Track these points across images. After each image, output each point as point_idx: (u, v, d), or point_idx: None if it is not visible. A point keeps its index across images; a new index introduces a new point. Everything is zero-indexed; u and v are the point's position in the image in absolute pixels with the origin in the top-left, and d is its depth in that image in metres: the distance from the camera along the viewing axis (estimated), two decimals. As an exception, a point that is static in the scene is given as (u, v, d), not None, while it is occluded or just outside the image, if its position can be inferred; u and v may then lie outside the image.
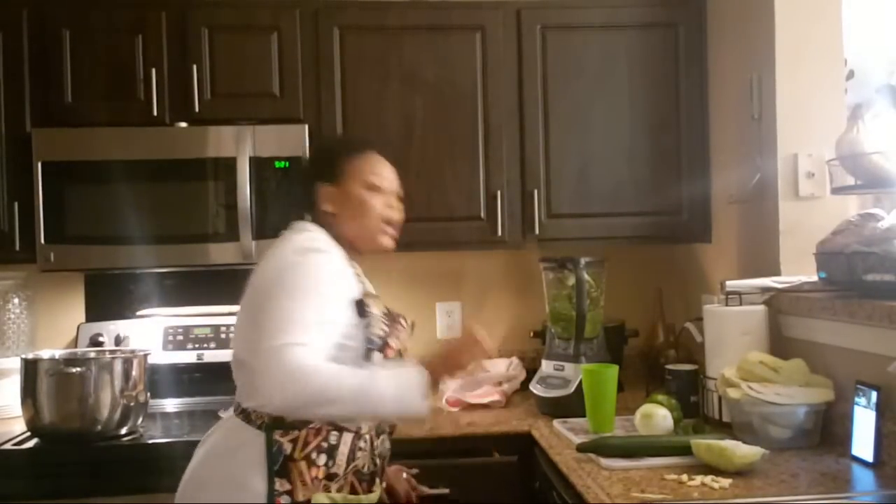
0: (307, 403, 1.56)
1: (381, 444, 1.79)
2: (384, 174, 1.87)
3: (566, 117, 2.75)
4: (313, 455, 1.67)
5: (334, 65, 2.67)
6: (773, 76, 2.33)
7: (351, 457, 1.70)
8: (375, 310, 1.74)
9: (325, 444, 1.68)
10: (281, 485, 1.65)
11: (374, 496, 1.77)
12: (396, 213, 1.88)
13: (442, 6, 2.73)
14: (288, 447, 1.66)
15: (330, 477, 1.68)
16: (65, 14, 2.59)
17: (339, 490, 1.69)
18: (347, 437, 1.70)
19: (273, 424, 1.67)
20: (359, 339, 1.70)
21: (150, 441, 2.32)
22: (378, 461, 1.78)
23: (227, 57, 2.63)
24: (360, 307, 1.72)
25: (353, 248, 1.84)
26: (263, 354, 1.56)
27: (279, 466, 1.65)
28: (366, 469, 1.74)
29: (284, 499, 1.64)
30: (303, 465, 1.66)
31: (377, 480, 1.78)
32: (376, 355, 1.70)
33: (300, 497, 1.64)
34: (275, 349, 1.55)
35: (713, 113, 2.77)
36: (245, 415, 1.72)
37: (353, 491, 1.72)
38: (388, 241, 1.87)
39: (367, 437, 1.74)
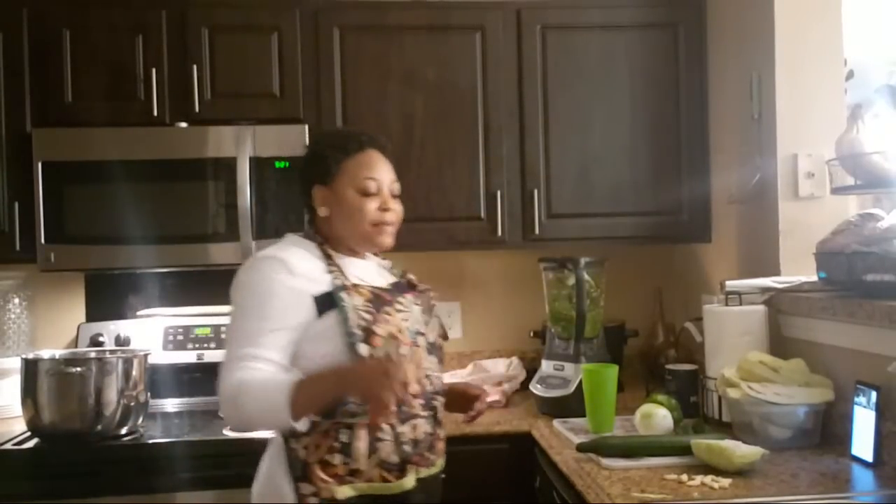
0: (231, 418, 1.68)
1: (410, 431, 1.71)
2: (378, 175, 1.81)
3: (566, 117, 2.75)
4: (327, 457, 1.67)
5: (334, 65, 2.67)
6: (772, 76, 2.33)
7: (371, 449, 1.68)
8: (356, 300, 1.69)
9: (337, 444, 1.67)
10: (306, 488, 1.67)
11: (409, 480, 1.70)
12: (390, 215, 1.81)
13: (442, 6, 2.74)
14: (303, 453, 1.68)
15: (352, 473, 1.67)
16: (65, 14, 2.59)
17: (366, 482, 1.68)
18: (361, 433, 1.67)
19: (288, 432, 1.68)
20: (334, 334, 1.67)
21: (151, 441, 2.32)
22: (407, 448, 1.70)
23: (228, 57, 2.63)
24: (329, 302, 1.68)
25: (348, 247, 1.82)
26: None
27: (300, 472, 1.68)
28: (392, 459, 1.69)
29: (312, 500, 1.66)
30: (318, 467, 1.67)
31: (408, 467, 1.71)
32: (362, 346, 1.66)
33: (325, 495, 1.66)
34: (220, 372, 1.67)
35: (713, 113, 2.77)
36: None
37: (384, 481, 1.69)
38: (383, 240, 1.82)
39: (387, 427, 1.68)
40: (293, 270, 1.70)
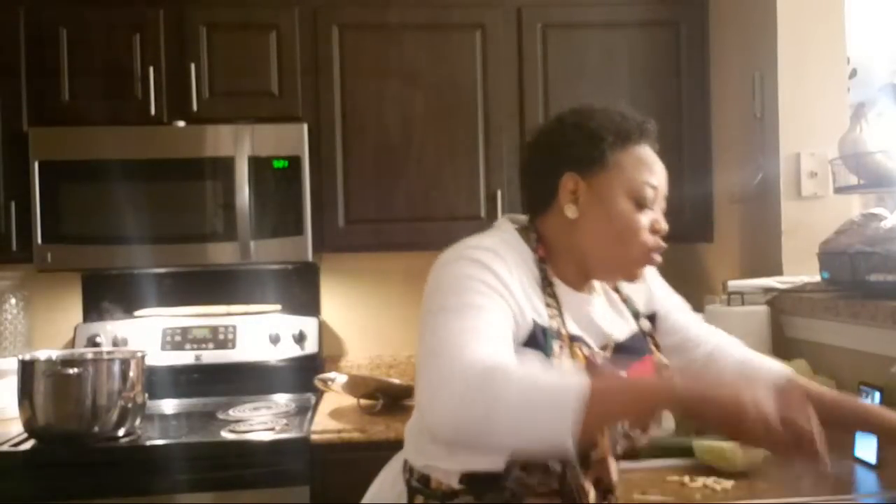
0: (468, 412, 1.09)
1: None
2: (659, 182, 1.35)
3: (567, 116, 2.73)
4: None
5: (333, 63, 2.66)
6: (775, 75, 2.32)
7: None
8: (565, 361, 1.25)
9: None
10: None
11: None
12: (662, 239, 1.36)
13: (442, 4, 2.72)
14: None
15: None
16: (62, 12, 2.58)
17: None
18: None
19: (418, 487, 1.34)
20: None
21: (148, 442, 2.30)
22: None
23: (226, 55, 2.62)
24: (535, 341, 1.24)
25: (583, 271, 1.35)
26: (420, 370, 1.18)
27: None
28: None
29: None
30: None
31: None
32: None
33: None
34: (427, 357, 1.18)
35: (715, 112, 2.75)
36: (404, 463, 1.40)
37: None
38: (641, 274, 1.37)
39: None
40: (511, 268, 1.25)
